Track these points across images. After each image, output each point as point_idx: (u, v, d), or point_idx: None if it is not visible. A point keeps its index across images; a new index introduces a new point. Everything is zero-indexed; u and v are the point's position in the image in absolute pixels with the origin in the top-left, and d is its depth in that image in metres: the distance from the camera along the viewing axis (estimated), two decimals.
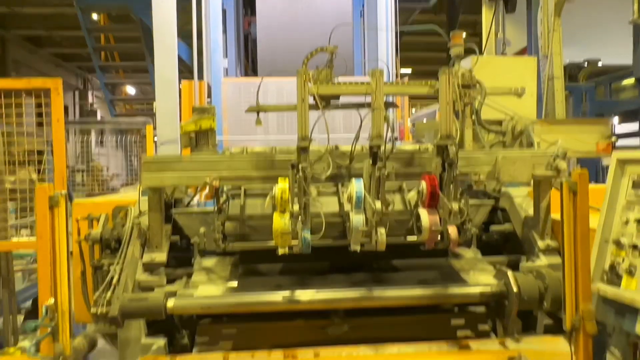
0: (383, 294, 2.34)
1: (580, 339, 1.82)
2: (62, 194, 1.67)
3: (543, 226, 2.67)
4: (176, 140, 4.86)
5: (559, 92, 5.29)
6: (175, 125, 4.91)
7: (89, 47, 9.98)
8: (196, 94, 5.38)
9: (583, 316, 1.78)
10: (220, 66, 6.01)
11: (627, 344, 1.80)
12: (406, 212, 2.60)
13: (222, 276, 2.62)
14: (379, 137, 2.24)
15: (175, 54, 5.23)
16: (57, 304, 1.64)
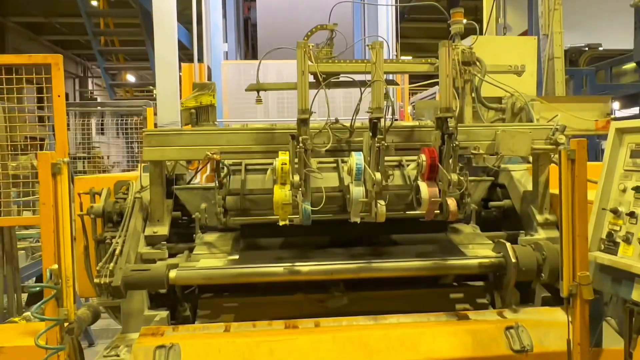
0: (382, 265, 2.37)
1: (577, 305, 1.84)
2: (64, 161, 1.68)
3: (542, 200, 2.69)
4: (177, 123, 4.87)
5: (559, 72, 5.28)
6: (175, 108, 4.92)
7: (89, 31, 9.95)
8: (196, 77, 5.37)
9: (580, 282, 1.80)
10: (221, 50, 6.01)
11: (623, 312, 1.83)
12: (406, 187, 2.62)
13: (224, 250, 2.64)
14: (379, 110, 2.25)
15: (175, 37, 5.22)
16: (61, 269, 1.66)
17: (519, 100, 3.13)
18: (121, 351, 2.16)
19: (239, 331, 2.20)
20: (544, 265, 2.31)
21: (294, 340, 2.12)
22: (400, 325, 2.22)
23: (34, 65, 2.90)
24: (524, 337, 2.13)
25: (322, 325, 2.24)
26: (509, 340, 2.13)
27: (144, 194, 2.66)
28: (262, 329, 2.21)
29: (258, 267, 2.36)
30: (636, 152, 1.88)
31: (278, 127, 2.64)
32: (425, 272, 2.39)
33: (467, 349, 2.10)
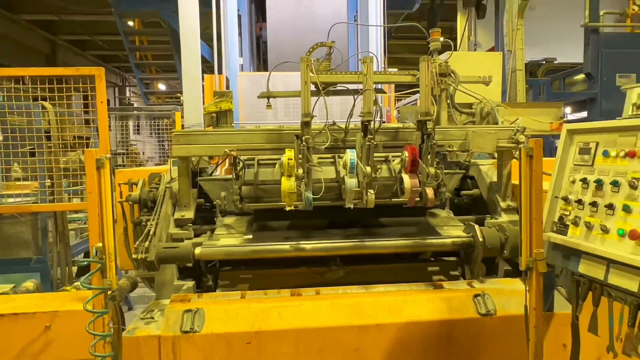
0: (372, 244, 2.37)
1: (533, 276, 1.84)
2: (106, 157, 1.68)
3: (505, 190, 2.69)
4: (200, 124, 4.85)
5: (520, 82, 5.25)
6: (199, 112, 4.89)
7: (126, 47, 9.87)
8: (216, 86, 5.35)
9: (536, 257, 1.81)
10: (237, 63, 5.96)
11: (572, 282, 1.83)
12: (391, 178, 2.62)
13: (240, 231, 2.64)
14: (369, 114, 2.24)
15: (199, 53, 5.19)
16: (104, 247, 1.66)
17: (486, 105, 3.11)
18: (155, 314, 2.17)
19: (252, 298, 2.22)
20: (506, 244, 2.31)
21: (299, 306, 2.13)
22: (387, 293, 2.24)
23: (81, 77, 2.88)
24: (489, 303, 2.15)
25: (322, 293, 2.25)
26: (476, 306, 2.14)
27: (173, 184, 2.66)
28: (272, 296, 2.23)
29: (269, 245, 2.36)
30: (584, 150, 1.87)
31: (285, 128, 2.63)
32: (407, 249, 2.39)
33: (442, 313, 2.11)
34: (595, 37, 6.53)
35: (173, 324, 2.01)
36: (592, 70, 6.55)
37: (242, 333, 2.02)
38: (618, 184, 1.64)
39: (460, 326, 2.10)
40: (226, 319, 2.06)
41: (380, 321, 2.08)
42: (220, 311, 2.09)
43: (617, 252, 1.58)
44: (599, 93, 6.53)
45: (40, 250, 3.46)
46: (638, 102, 1.72)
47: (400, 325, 2.08)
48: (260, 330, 2.03)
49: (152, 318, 2.13)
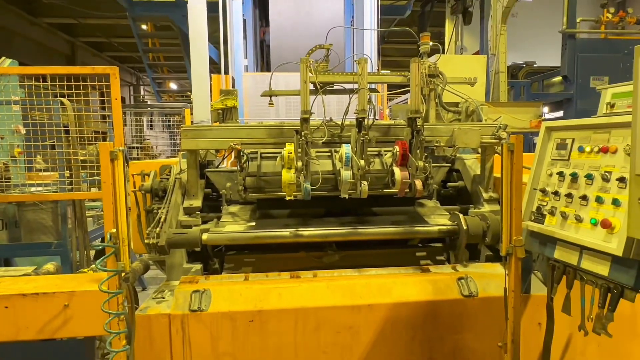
0: (365, 231, 2.36)
1: (512, 261, 1.83)
2: (120, 149, 1.65)
3: (487, 182, 2.67)
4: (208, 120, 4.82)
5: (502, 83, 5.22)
6: (207, 109, 4.86)
7: (140, 49, 9.77)
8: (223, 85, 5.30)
9: (515, 244, 1.80)
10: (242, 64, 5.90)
11: (547, 267, 1.83)
12: (383, 171, 2.60)
13: (244, 219, 2.63)
14: (363, 111, 2.21)
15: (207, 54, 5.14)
16: (118, 232, 1.65)
17: (471, 104, 3.08)
18: (166, 294, 2.17)
19: (255, 280, 2.21)
20: (488, 231, 2.31)
21: (297, 287, 2.13)
22: (378, 276, 2.23)
23: (97, 75, 2.84)
24: (472, 285, 2.15)
25: (319, 276, 2.25)
26: (460, 288, 2.14)
27: (182, 175, 2.63)
28: (273, 279, 2.22)
29: (270, 231, 2.35)
30: (560, 145, 1.85)
31: (286, 124, 2.60)
32: (397, 236, 2.38)
33: (428, 294, 2.11)
34: (572, 42, 6.48)
35: (182, 303, 2.01)
36: (569, 73, 6.51)
37: (246, 312, 2.02)
38: (592, 177, 1.63)
39: (445, 306, 2.10)
40: (231, 299, 2.05)
41: (371, 301, 2.08)
42: (226, 292, 2.08)
43: (589, 239, 1.57)
44: (575, 94, 6.50)
45: (60, 235, 3.45)
46: (611, 102, 1.70)
47: (390, 305, 2.08)
48: (262, 310, 2.02)
49: (163, 298, 2.13)
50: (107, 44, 16.54)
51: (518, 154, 1.82)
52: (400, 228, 2.37)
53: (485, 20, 6.93)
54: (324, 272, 2.28)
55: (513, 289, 1.86)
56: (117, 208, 1.68)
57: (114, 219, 1.67)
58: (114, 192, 1.67)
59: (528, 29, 9.93)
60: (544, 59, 8.98)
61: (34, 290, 1.76)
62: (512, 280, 1.86)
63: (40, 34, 13.87)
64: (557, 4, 6.61)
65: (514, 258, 1.84)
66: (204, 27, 5.09)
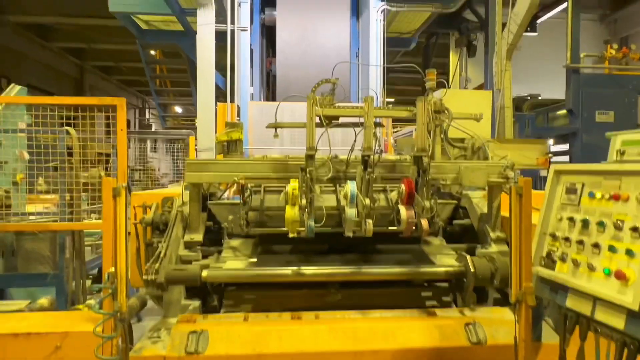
0: (370, 270, 2.32)
1: (522, 309, 1.79)
2: (123, 186, 1.65)
3: (494, 221, 2.64)
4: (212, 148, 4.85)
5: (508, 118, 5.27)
6: (212, 137, 4.91)
7: (147, 75, 9.99)
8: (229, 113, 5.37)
9: (525, 291, 1.75)
10: (248, 92, 6.00)
11: (559, 314, 1.77)
12: (389, 208, 2.58)
13: (245, 254, 2.59)
14: (369, 149, 2.22)
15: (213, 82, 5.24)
16: (116, 271, 1.62)
17: (477, 141, 3.10)
18: (162, 333, 2.11)
19: (255, 320, 2.15)
20: (496, 274, 2.26)
21: (298, 329, 2.08)
22: (382, 319, 2.17)
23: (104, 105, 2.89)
24: (480, 332, 2.08)
25: (321, 317, 2.19)
26: (468, 334, 2.07)
27: (184, 208, 2.62)
28: (273, 319, 2.17)
29: (272, 269, 2.32)
30: (570, 189, 1.83)
31: (291, 158, 2.61)
32: (403, 276, 2.34)
33: (435, 340, 2.05)
34: (576, 77, 6.58)
35: (179, 345, 1.95)
36: (574, 107, 6.58)
37: (244, 356, 1.96)
38: (604, 225, 1.60)
39: (453, 354, 2.03)
40: (229, 340, 2.00)
41: (375, 347, 2.02)
42: (224, 333, 2.03)
43: (603, 290, 1.53)
44: (580, 128, 6.54)
45: (57, 265, 3.41)
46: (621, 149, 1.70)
47: (395, 352, 2.01)
48: (261, 354, 1.96)
49: (159, 337, 2.07)
50: (116, 68, 16.96)
51: (527, 198, 1.81)
52: (405, 268, 2.33)
53: (490, 53, 7.07)
54: (327, 313, 2.23)
55: (524, 338, 1.80)
56: (116, 245, 1.66)
57: (113, 256, 1.65)
58: (114, 228, 1.66)
59: (532, 61, 10.12)
60: (548, 91, 9.10)
61: (26, 329, 1.72)
62: (522, 328, 1.81)
63: (50, 57, 14.27)
64: (561, 38, 6.76)
65: (524, 305, 1.79)
66: (212, 56, 5.21)
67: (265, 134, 5.39)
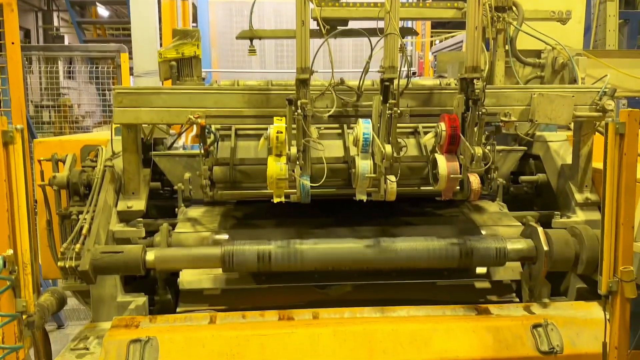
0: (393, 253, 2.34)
1: (617, 304, 1.83)
2: (17, 128, 1.64)
3: (582, 176, 2.65)
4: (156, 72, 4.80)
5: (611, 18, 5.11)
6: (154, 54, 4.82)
7: None
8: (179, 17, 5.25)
9: (621, 278, 1.79)
10: None
11: None
12: (421, 158, 2.58)
13: (210, 228, 2.63)
14: (392, 69, 2.18)
15: None
16: (17, 255, 1.65)
17: (561, 54, 3.04)
18: (90, 343, 2.19)
19: (226, 323, 2.22)
20: (582, 255, 2.30)
21: (289, 335, 2.14)
22: (410, 320, 2.24)
23: None
24: (554, 337, 2.15)
25: (321, 317, 2.26)
26: (535, 340, 2.14)
27: (116, 162, 2.63)
28: (252, 321, 2.23)
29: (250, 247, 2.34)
30: None
31: (274, 85, 2.59)
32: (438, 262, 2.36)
33: (487, 349, 2.12)
34: None
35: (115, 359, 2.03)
36: None
37: None
38: None
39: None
40: (188, 352, 2.07)
41: (401, 358, 2.09)
42: (181, 342, 2.10)
43: None
44: None
45: None
46: None
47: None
48: None
49: (87, 349, 2.15)
50: None
51: (631, 140, 1.80)
52: (444, 251, 2.34)
53: None
54: (329, 311, 2.29)
55: (617, 345, 1.86)
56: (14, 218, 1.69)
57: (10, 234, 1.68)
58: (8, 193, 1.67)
59: None
60: None
61: None
62: (615, 331, 1.87)
63: None
64: None
65: (619, 299, 1.84)
66: None
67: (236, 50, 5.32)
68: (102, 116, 10.13)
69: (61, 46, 11.88)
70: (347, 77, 2.57)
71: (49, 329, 3.74)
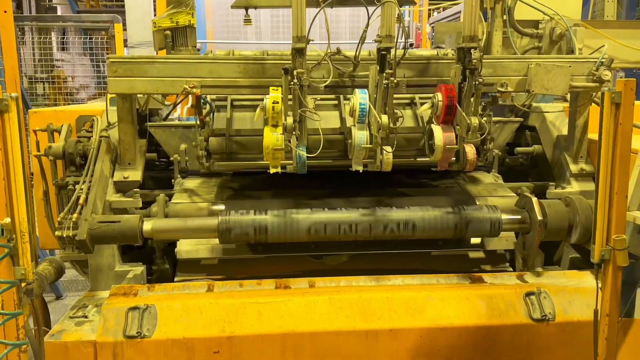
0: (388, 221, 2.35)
1: (609, 272, 1.85)
2: (12, 96, 1.63)
3: (578, 147, 2.66)
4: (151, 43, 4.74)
5: None
6: (148, 25, 4.76)
7: None
8: None
9: (614, 246, 1.80)
10: None
11: None
12: (417, 129, 2.58)
13: (207, 199, 2.64)
14: (389, 38, 2.16)
15: None
16: (14, 223, 1.65)
17: (559, 25, 3.01)
18: (89, 311, 2.21)
19: (223, 291, 2.24)
20: (576, 225, 2.31)
21: (285, 303, 2.16)
22: (404, 288, 2.26)
23: None
24: (546, 305, 2.18)
25: (317, 285, 2.28)
26: (528, 308, 2.17)
27: (111, 132, 2.62)
28: (249, 289, 2.26)
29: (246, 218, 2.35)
30: None
31: (270, 55, 2.56)
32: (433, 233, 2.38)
33: (480, 316, 2.15)
34: None
35: (114, 326, 2.05)
36: None
37: (209, 339, 2.06)
38: None
39: (505, 335, 2.14)
40: (187, 319, 2.09)
41: (395, 325, 2.12)
42: (179, 309, 2.12)
43: None
44: None
45: None
46: None
47: (423, 331, 2.12)
48: (233, 335, 2.07)
49: (86, 317, 2.17)
50: None
51: (627, 109, 1.79)
52: (439, 223, 2.35)
53: None
54: (325, 279, 2.31)
55: (608, 312, 1.89)
56: (10, 186, 1.68)
57: (7, 202, 1.68)
58: (5, 161, 1.67)
59: None
60: None
61: None
62: (607, 298, 1.89)
63: None
64: None
65: (611, 267, 1.85)
66: None
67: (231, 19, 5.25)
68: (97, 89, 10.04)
69: (54, 16, 11.69)
70: (343, 47, 2.55)
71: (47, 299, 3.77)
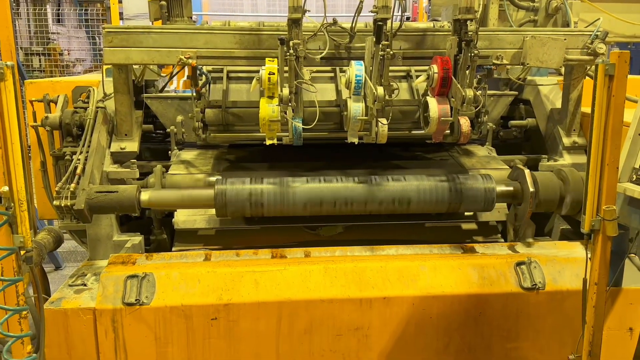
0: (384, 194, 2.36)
1: (598, 241, 1.86)
2: (8, 65, 1.61)
3: (571, 120, 2.66)
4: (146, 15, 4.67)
5: None
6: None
7: None
8: None
9: (604, 217, 1.81)
10: None
11: None
12: (413, 102, 2.57)
13: (204, 170, 2.64)
14: (385, 9, 2.14)
15: None
16: (12, 192, 1.65)
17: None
18: (88, 280, 2.23)
19: (220, 260, 2.26)
20: (567, 196, 2.32)
21: (282, 271, 2.18)
22: (398, 258, 2.28)
23: None
24: (536, 274, 2.20)
25: (312, 255, 2.30)
26: (519, 277, 2.20)
27: (108, 103, 2.61)
28: (246, 259, 2.27)
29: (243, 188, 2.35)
30: None
31: (266, 26, 2.53)
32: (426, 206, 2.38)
33: (471, 285, 2.17)
34: None
35: (113, 294, 2.07)
36: None
37: (206, 306, 2.08)
38: None
39: (496, 303, 2.17)
40: (185, 287, 2.11)
41: (388, 293, 2.14)
42: (177, 277, 2.14)
43: None
44: None
45: None
46: None
47: (416, 299, 2.14)
48: (230, 303, 2.09)
49: (85, 285, 2.18)
50: None
51: (620, 82, 1.79)
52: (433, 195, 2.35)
53: None
54: (321, 249, 2.33)
55: (596, 281, 1.91)
56: (8, 155, 1.68)
57: (5, 171, 1.67)
58: (2, 131, 1.66)
59: None
60: None
61: None
62: (596, 268, 1.90)
63: None
64: None
65: (601, 237, 1.87)
66: None
67: None
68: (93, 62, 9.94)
69: None
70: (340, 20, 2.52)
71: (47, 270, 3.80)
